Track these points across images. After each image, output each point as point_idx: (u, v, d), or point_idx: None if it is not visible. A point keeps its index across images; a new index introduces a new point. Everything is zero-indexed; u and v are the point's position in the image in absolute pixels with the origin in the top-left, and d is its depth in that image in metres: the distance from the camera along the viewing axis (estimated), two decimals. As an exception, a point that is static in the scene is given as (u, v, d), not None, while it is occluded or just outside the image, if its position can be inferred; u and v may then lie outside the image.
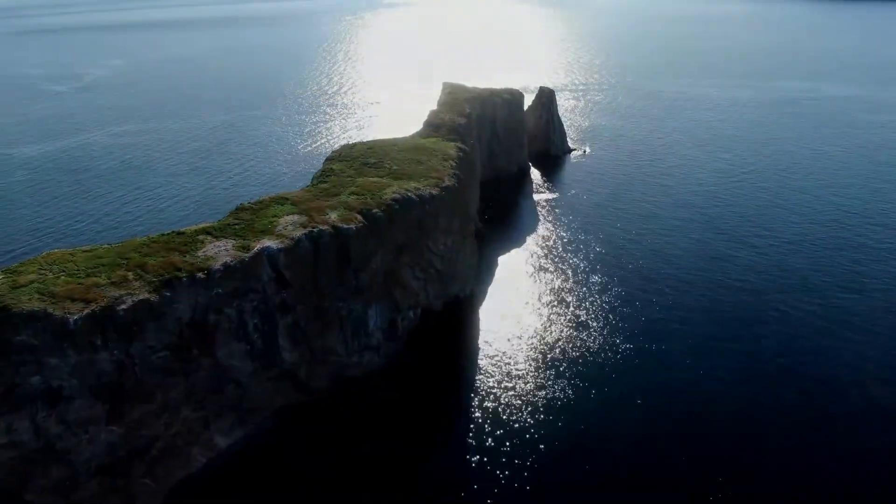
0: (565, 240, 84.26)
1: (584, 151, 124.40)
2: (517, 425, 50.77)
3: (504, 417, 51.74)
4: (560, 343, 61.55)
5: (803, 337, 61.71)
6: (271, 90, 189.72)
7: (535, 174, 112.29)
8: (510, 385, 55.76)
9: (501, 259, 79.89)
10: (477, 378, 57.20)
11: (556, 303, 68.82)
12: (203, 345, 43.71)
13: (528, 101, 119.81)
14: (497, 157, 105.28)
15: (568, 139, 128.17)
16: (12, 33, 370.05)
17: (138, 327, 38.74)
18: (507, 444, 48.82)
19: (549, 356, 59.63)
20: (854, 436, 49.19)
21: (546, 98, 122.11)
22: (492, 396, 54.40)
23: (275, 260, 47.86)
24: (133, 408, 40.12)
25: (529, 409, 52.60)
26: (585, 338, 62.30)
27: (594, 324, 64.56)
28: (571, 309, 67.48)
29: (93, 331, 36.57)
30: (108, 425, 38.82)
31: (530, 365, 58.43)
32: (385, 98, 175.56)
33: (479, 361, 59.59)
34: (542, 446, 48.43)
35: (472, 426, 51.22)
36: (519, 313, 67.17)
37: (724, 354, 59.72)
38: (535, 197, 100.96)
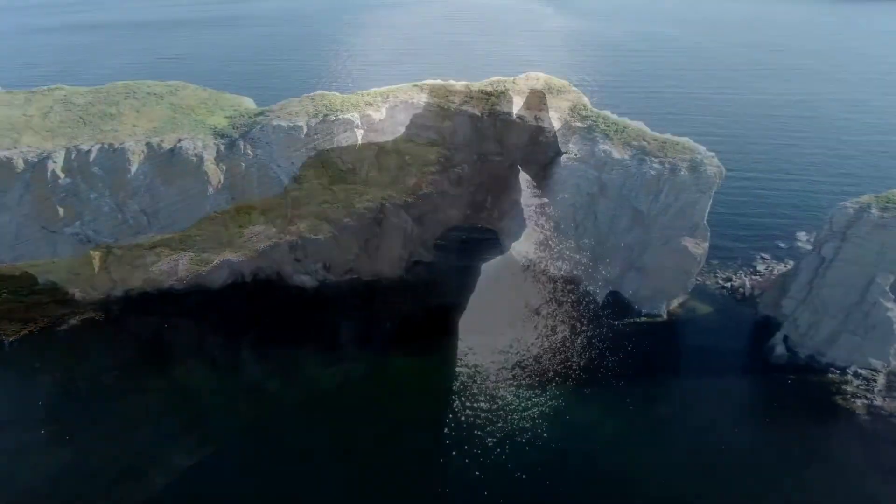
0: (552, 246, 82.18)
1: (576, 154, 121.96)
2: (498, 441, 48.96)
3: (485, 430, 49.93)
4: (544, 354, 59.64)
5: (801, 346, 59.70)
6: (266, 90, 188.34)
7: (524, 177, 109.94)
8: (492, 396, 53.89)
9: (485, 267, 77.86)
10: (455, 391, 55.34)
11: (540, 312, 66.88)
12: (158, 362, 42.03)
13: (519, 102, 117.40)
14: (484, 161, 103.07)
15: (559, 141, 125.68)
16: (12, 33, 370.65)
17: (83, 347, 37.05)
18: (486, 460, 47.05)
19: (531, 367, 57.74)
20: (857, 445, 47.70)
21: (537, 99, 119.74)
22: (473, 408, 52.59)
23: (237, 272, 46.20)
24: (80, 431, 38.42)
25: (511, 423, 50.75)
26: (571, 347, 60.39)
27: (581, 333, 62.65)
28: (556, 319, 65.54)
29: (31, 352, 34.90)
30: (52, 450, 37.12)
31: (512, 376, 56.55)
32: (373, 100, 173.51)
33: (458, 373, 57.72)
34: (523, 462, 46.65)
35: (448, 440, 49.39)
36: (502, 323, 65.26)
37: (720, 364, 57.84)
38: (523, 201, 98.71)
